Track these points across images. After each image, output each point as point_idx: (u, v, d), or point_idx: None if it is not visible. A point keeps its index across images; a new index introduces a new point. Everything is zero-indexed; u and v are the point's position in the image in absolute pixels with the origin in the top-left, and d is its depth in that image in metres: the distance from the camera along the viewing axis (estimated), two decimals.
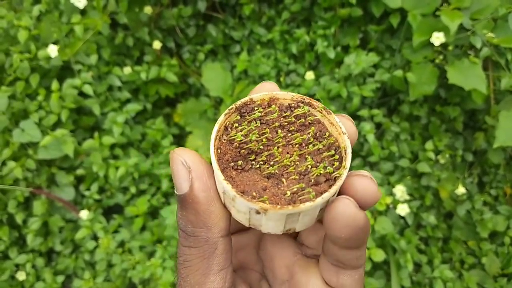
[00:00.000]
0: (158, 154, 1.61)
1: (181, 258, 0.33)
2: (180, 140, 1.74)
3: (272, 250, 0.40)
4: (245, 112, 0.37)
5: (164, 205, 1.54)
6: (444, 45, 1.41)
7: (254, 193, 0.32)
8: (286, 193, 0.32)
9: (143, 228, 1.51)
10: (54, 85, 1.46)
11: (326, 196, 0.31)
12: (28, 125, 1.47)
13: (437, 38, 1.35)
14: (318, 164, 0.34)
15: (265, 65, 1.66)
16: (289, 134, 0.36)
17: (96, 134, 1.50)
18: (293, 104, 0.38)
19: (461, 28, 1.37)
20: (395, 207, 1.41)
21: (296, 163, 0.34)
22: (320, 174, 0.33)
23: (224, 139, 0.35)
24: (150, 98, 1.72)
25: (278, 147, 0.35)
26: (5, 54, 1.55)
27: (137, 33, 1.68)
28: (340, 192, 0.33)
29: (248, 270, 0.42)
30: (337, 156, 0.35)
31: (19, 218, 1.49)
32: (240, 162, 0.34)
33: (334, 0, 1.59)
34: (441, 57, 1.45)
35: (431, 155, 1.51)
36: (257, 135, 0.35)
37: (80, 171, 1.54)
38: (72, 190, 1.55)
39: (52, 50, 1.42)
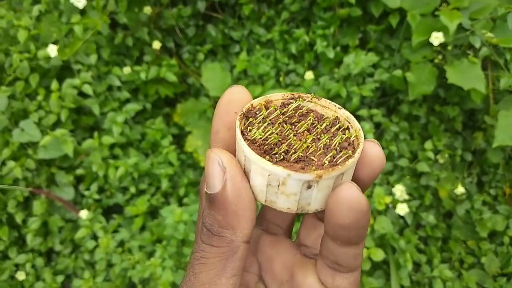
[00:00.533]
0: (157, 154, 1.61)
1: (199, 254, 0.33)
2: (179, 140, 1.74)
3: (271, 252, 0.41)
4: (251, 117, 0.39)
5: (164, 205, 1.54)
6: (443, 45, 1.42)
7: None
8: (324, 163, 0.34)
9: (142, 228, 1.51)
10: (54, 85, 1.46)
11: (359, 151, 0.34)
12: (27, 125, 1.47)
13: (436, 38, 1.35)
14: (333, 137, 0.37)
15: (265, 65, 1.66)
16: (293, 127, 0.38)
17: (95, 134, 1.50)
18: (286, 102, 0.41)
19: (460, 28, 1.37)
20: (394, 207, 1.42)
21: (313, 143, 0.36)
22: (342, 141, 0.36)
23: (247, 140, 0.36)
24: (150, 98, 1.72)
25: (292, 139, 0.37)
26: (5, 54, 1.55)
27: (137, 33, 1.68)
28: None
29: (244, 272, 0.42)
30: (345, 125, 0.38)
31: (18, 218, 1.49)
32: (267, 158, 0.35)
33: (333, 0, 1.59)
34: (440, 57, 1.45)
35: (430, 154, 1.52)
36: (270, 131, 0.37)
37: (79, 171, 1.54)
38: (72, 190, 1.55)
39: (52, 50, 1.42)
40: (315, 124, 0.38)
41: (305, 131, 0.38)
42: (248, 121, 0.38)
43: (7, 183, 1.48)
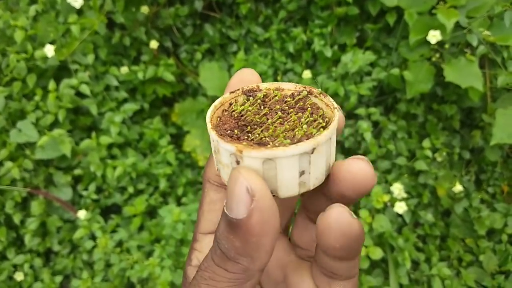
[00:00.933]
0: (155, 153, 1.61)
1: (207, 273, 0.31)
2: (177, 140, 1.74)
3: None
4: (250, 96, 0.38)
5: (162, 204, 1.54)
6: (440, 43, 1.42)
7: None
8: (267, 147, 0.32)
9: (141, 228, 1.51)
10: (51, 85, 1.46)
11: (301, 146, 0.30)
12: (25, 125, 1.47)
13: (434, 36, 1.35)
14: (301, 130, 0.34)
15: (262, 64, 1.66)
16: (287, 116, 0.37)
17: (93, 134, 1.50)
18: (295, 93, 0.39)
19: (457, 26, 1.37)
20: (392, 205, 1.42)
21: (286, 133, 0.34)
22: (304, 134, 0.33)
23: (226, 111, 0.37)
24: (147, 97, 1.72)
25: (274, 124, 0.36)
26: (2, 54, 1.54)
27: (134, 33, 1.67)
28: (336, 175, 0.33)
29: None
30: (324, 124, 0.35)
31: (16, 219, 1.49)
32: (236, 131, 0.34)
33: None
34: (437, 55, 1.46)
35: (428, 153, 1.52)
36: (256, 111, 0.37)
37: (77, 171, 1.54)
38: (70, 190, 1.55)
39: (49, 50, 1.41)
40: (304, 117, 0.37)
41: (291, 122, 0.36)
42: (243, 98, 0.38)
43: (4, 184, 1.48)
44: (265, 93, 0.39)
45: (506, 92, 1.49)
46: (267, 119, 0.36)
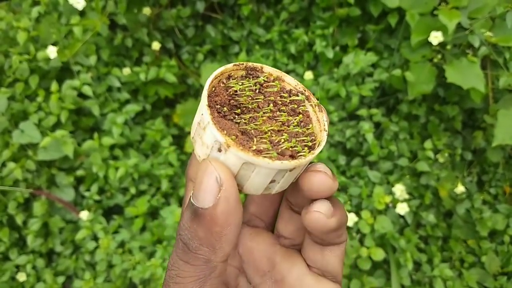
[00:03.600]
0: (157, 154, 1.62)
1: (174, 271, 0.31)
2: (179, 141, 1.74)
3: (251, 243, 0.41)
4: (251, 74, 0.39)
5: (164, 205, 1.55)
6: (442, 44, 1.42)
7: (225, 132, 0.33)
8: (252, 147, 0.32)
9: (143, 229, 1.51)
10: (54, 86, 1.47)
11: (284, 164, 0.31)
12: (27, 126, 1.47)
13: (435, 37, 1.35)
14: (290, 141, 0.35)
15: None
16: (277, 112, 0.37)
17: (95, 135, 1.50)
18: (293, 91, 0.39)
19: (459, 27, 1.37)
20: (394, 206, 1.42)
21: (272, 133, 0.35)
22: (289, 148, 0.34)
23: (223, 83, 0.37)
24: (150, 98, 1.72)
25: (263, 116, 0.36)
26: (4, 55, 1.55)
27: (136, 34, 1.68)
28: (298, 184, 0.35)
29: None
30: (310, 144, 0.35)
31: (19, 219, 1.49)
32: (225, 109, 0.35)
33: (332, 0, 1.59)
34: (439, 56, 1.46)
35: (430, 154, 1.52)
36: (251, 95, 0.37)
37: (80, 172, 1.54)
38: (72, 191, 1.55)
39: (51, 51, 1.42)
40: (294, 124, 0.37)
41: (280, 122, 0.36)
42: (245, 76, 0.38)
43: (7, 185, 1.49)
44: (265, 78, 0.39)
45: (508, 93, 1.49)
46: (258, 107, 0.37)
